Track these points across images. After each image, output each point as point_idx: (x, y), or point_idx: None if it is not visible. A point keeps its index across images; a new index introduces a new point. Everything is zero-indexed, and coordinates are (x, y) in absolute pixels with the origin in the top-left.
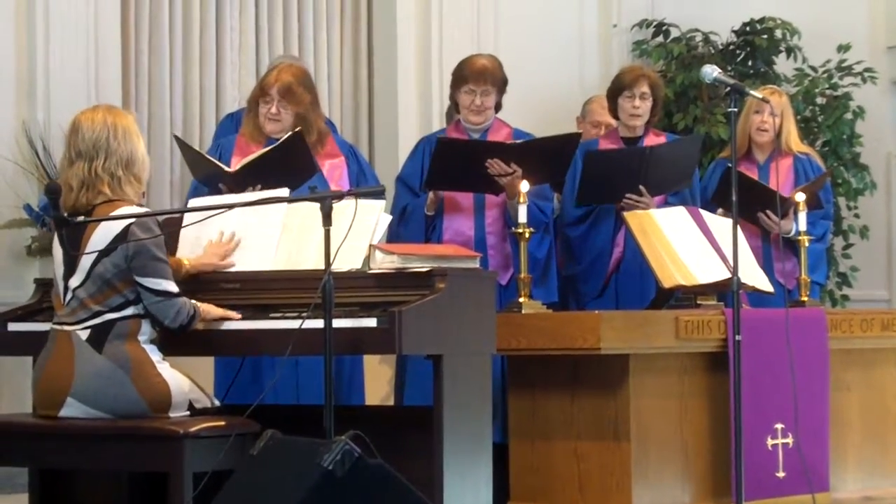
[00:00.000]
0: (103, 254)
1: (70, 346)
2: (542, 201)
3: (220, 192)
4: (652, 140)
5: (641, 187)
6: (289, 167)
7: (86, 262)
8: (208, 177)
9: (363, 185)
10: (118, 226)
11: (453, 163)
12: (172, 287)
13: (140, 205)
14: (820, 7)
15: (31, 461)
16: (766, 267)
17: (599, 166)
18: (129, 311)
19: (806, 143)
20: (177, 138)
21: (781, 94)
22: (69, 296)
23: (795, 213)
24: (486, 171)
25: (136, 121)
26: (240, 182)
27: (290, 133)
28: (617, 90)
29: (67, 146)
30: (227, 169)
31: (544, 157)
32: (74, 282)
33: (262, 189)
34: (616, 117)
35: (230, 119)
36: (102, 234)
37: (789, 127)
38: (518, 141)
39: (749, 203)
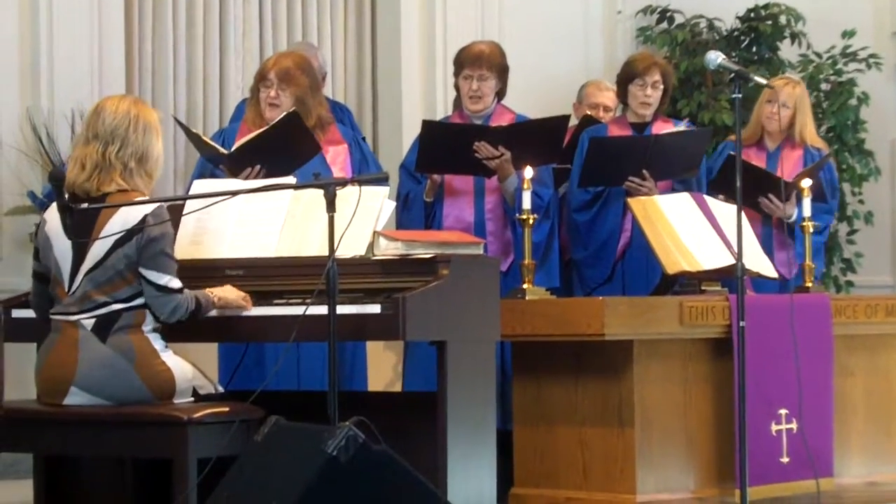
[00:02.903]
0: (118, 244)
1: (74, 336)
2: (539, 186)
3: (222, 173)
4: (660, 127)
5: (644, 171)
6: (288, 147)
7: (99, 248)
8: (211, 158)
9: (366, 172)
10: (135, 217)
11: (441, 145)
12: (175, 283)
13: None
14: None
15: (36, 448)
16: (766, 254)
17: (604, 152)
18: (137, 302)
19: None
20: (178, 121)
21: (797, 84)
22: (75, 284)
23: (799, 200)
24: (475, 154)
25: (161, 120)
26: (238, 163)
27: (285, 113)
28: (628, 77)
29: (87, 125)
30: (223, 151)
31: (532, 139)
32: (84, 268)
33: (262, 170)
34: (625, 103)
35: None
36: (119, 223)
37: (804, 119)
38: (503, 124)
39: (750, 189)
